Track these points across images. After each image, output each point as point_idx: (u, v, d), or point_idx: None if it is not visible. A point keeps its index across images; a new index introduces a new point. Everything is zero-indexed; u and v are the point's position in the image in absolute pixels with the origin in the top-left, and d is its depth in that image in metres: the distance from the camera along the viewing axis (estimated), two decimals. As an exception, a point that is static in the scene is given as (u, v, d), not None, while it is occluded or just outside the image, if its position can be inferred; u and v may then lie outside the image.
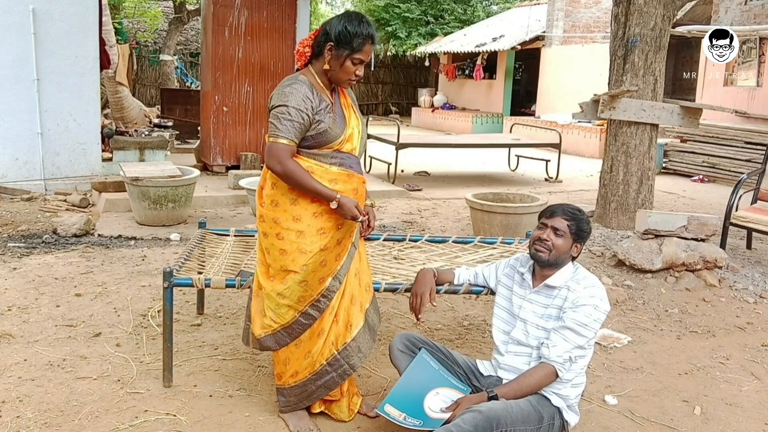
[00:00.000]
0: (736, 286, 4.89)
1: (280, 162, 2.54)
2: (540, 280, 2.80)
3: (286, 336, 2.77)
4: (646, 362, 3.67)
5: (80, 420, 2.86)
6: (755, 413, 3.14)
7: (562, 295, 2.72)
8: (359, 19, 2.60)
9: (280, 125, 2.55)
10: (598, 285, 2.75)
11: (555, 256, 2.73)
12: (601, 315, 2.68)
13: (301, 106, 2.54)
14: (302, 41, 2.69)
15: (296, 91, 2.56)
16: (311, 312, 2.74)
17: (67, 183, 7.62)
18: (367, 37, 2.58)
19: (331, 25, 2.60)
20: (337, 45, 2.57)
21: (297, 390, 2.82)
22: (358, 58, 2.59)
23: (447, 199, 8.22)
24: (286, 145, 2.55)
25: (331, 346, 2.79)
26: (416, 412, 2.60)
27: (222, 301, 4.38)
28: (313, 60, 2.67)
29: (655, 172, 6.35)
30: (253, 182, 6.95)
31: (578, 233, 2.74)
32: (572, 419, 2.77)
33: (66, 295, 4.37)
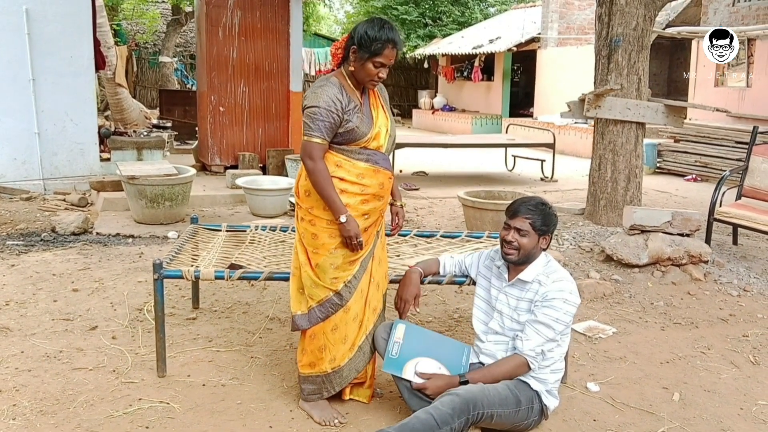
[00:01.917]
0: (721, 280, 4.97)
1: (312, 158, 2.72)
2: (514, 273, 2.90)
3: (318, 314, 2.88)
4: (630, 352, 3.76)
5: (75, 408, 2.95)
6: (732, 399, 3.24)
7: (533, 289, 2.83)
8: (381, 24, 2.75)
9: (313, 125, 2.71)
10: (567, 278, 2.85)
11: (524, 254, 2.83)
12: (571, 307, 2.78)
13: (331, 107, 2.70)
14: (336, 44, 2.87)
15: (326, 92, 2.72)
16: (343, 293, 2.86)
17: (66, 183, 7.72)
18: (386, 41, 2.72)
19: (355, 29, 2.78)
20: (359, 48, 2.74)
21: (333, 376, 2.92)
22: (379, 62, 2.74)
23: (443, 198, 8.31)
24: (318, 144, 2.72)
25: (364, 331, 2.94)
26: (402, 357, 2.83)
27: (217, 296, 4.47)
28: (344, 62, 2.84)
29: (642, 169, 6.44)
30: (250, 181, 7.07)
31: (542, 228, 2.83)
32: (552, 403, 2.86)
33: (63, 291, 4.46)
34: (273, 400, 3.06)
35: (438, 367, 2.85)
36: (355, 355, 2.93)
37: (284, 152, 8.50)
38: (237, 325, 3.98)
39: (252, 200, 6.87)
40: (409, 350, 2.87)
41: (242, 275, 3.18)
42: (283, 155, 8.41)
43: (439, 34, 21.90)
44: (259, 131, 8.70)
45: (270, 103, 8.70)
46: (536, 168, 10.55)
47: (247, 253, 3.67)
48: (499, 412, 2.63)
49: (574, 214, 6.91)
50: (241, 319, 4.08)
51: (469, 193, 6.22)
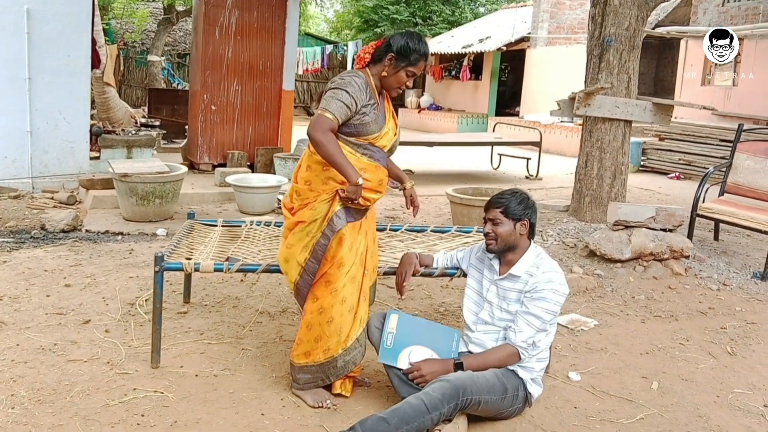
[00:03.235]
0: (701, 274, 5.11)
1: (323, 131, 2.80)
2: (506, 267, 3.01)
3: (307, 276, 2.99)
4: (611, 343, 3.87)
5: (72, 398, 3.02)
6: (708, 387, 3.36)
7: (524, 281, 2.94)
8: (419, 38, 2.99)
9: (333, 102, 2.83)
10: (557, 270, 2.96)
11: (503, 242, 2.95)
12: (560, 298, 2.90)
13: (354, 95, 2.86)
14: (364, 48, 3.04)
15: (355, 82, 2.89)
16: (319, 247, 2.96)
17: (55, 181, 7.73)
18: (423, 54, 2.97)
19: (395, 39, 2.97)
20: (396, 56, 2.94)
21: (327, 366, 2.99)
22: (411, 71, 2.98)
23: (429, 196, 8.40)
24: (330, 120, 2.82)
25: (360, 323, 3.03)
26: (396, 347, 2.95)
27: (208, 290, 4.54)
28: (371, 65, 3.01)
29: (628, 167, 6.57)
30: (239, 179, 7.13)
31: (514, 214, 2.94)
32: (536, 391, 2.97)
33: (56, 286, 4.52)
34: (264, 389, 3.15)
35: (430, 354, 2.96)
36: (350, 347, 3.00)
37: (273, 150, 8.57)
38: (227, 318, 4.05)
39: (241, 198, 6.94)
40: (402, 339, 2.98)
41: (240, 268, 3.26)
42: (272, 153, 8.47)
43: (429, 33, 22.01)
44: (249, 129, 8.76)
45: (261, 102, 8.77)
46: (521, 166, 10.68)
47: (243, 248, 3.74)
48: (487, 399, 2.73)
49: (559, 211, 7.03)
50: (232, 312, 4.16)
51: (457, 190, 6.33)
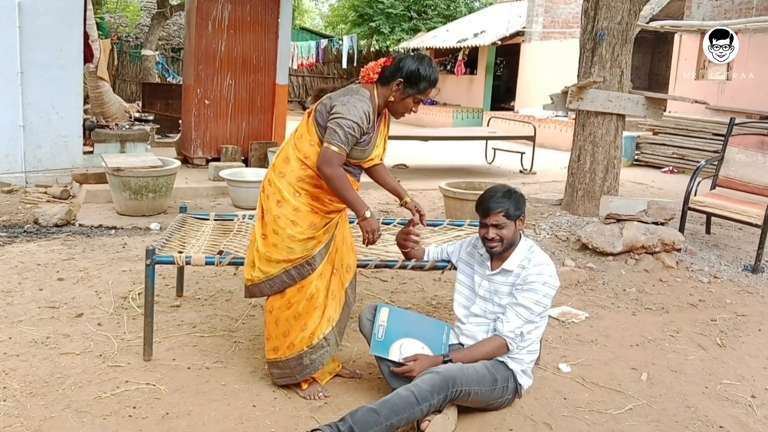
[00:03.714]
0: (693, 267, 5.13)
1: (331, 166, 2.77)
2: (498, 261, 3.03)
3: (268, 288, 2.97)
4: (601, 335, 3.90)
5: (64, 390, 3.03)
6: (697, 378, 3.38)
7: (516, 274, 2.96)
8: (430, 63, 2.88)
9: (343, 136, 2.76)
10: (548, 263, 2.98)
11: (508, 243, 2.97)
12: (551, 290, 2.92)
13: (363, 124, 2.79)
14: (371, 66, 2.92)
15: (363, 108, 2.78)
16: (293, 273, 2.93)
17: (48, 175, 7.72)
18: (433, 82, 2.88)
19: (405, 62, 2.85)
20: (405, 83, 2.85)
21: (293, 362, 3.00)
22: (419, 98, 2.90)
23: (423, 190, 8.42)
24: (340, 154, 2.78)
25: (327, 322, 3.02)
26: (387, 340, 2.97)
27: (201, 284, 4.55)
28: (378, 84, 2.91)
29: (620, 160, 6.59)
30: (233, 173, 7.13)
31: (515, 214, 2.95)
32: (526, 383, 3.00)
33: (48, 280, 4.52)
34: (256, 381, 3.16)
35: (421, 347, 2.98)
36: (316, 345, 2.98)
37: (267, 145, 8.57)
38: (220, 312, 4.07)
39: (235, 192, 6.94)
40: (394, 332, 3.00)
41: (232, 261, 3.27)
42: (266, 148, 8.47)
43: (424, 27, 21.99)
44: (243, 124, 8.76)
45: (255, 96, 8.76)
46: (516, 160, 10.69)
47: (235, 241, 3.75)
48: (476, 390, 2.75)
49: (552, 205, 7.05)
50: (224, 306, 4.17)
51: (450, 184, 6.34)
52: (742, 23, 10.54)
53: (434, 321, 3.19)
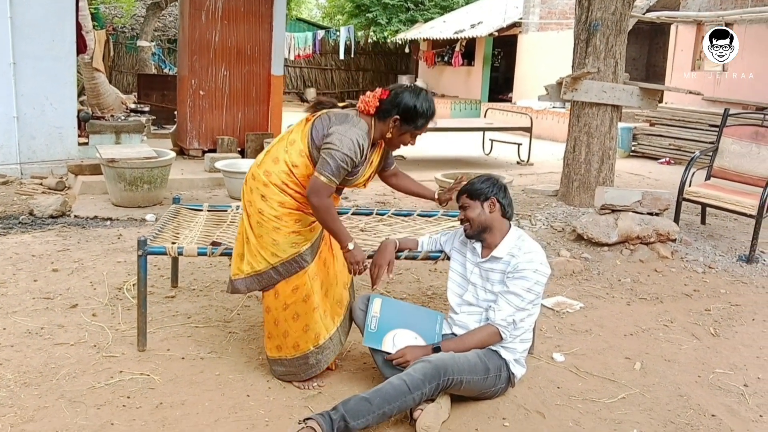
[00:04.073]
0: (687, 257, 5.14)
1: (320, 196, 2.74)
2: (487, 249, 3.04)
3: (255, 283, 2.96)
4: (595, 325, 3.90)
5: (58, 380, 3.03)
6: (690, 368, 3.40)
7: (506, 262, 2.96)
8: (426, 99, 2.84)
9: (334, 168, 2.72)
10: (538, 250, 2.99)
11: (477, 225, 3.00)
12: (541, 278, 2.92)
13: (356, 158, 2.76)
14: (369, 99, 2.84)
15: (358, 143, 2.74)
16: (281, 269, 2.92)
17: (43, 167, 7.70)
18: (430, 116, 2.86)
19: (403, 97, 2.80)
20: (402, 120, 2.82)
21: (299, 362, 3.00)
22: (417, 134, 2.89)
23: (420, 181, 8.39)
24: (329, 186, 2.75)
25: (332, 321, 3.05)
26: (381, 331, 2.97)
27: (196, 275, 4.55)
28: (376, 117, 2.86)
29: (616, 151, 6.59)
30: (229, 164, 7.12)
31: (477, 194, 2.99)
32: (519, 372, 3.00)
33: (43, 271, 4.51)
34: (250, 371, 3.17)
35: (414, 337, 2.98)
36: (323, 345, 3.01)
37: (263, 136, 8.55)
38: (215, 302, 4.07)
39: (230, 183, 6.93)
40: (387, 323, 3.00)
41: (224, 251, 3.27)
42: (262, 139, 8.46)
43: (420, 18, 21.91)
44: (239, 115, 8.73)
45: (250, 87, 8.73)
46: (513, 152, 10.69)
47: (229, 232, 3.74)
48: (468, 379, 2.76)
49: (548, 196, 7.06)
50: (219, 297, 4.17)
51: (446, 175, 6.35)
52: (738, 14, 10.52)
53: (427, 311, 3.19)
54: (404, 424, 2.72)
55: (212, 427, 2.69)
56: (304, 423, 2.45)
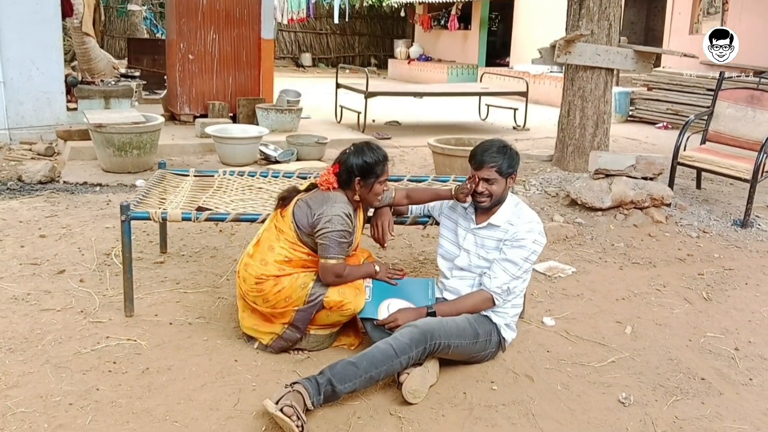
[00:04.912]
0: (682, 222, 5.11)
1: (339, 276, 2.87)
2: (483, 216, 2.99)
3: (291, 334, 2.99)
4: (587, 290, 3.88)
5: (44, 346, 3.00)
6: (681, 331, 3.38)
7: (504, 230, 2.92)
8: (371, 149, 2.92)
9: (336, 246, 2.82)
10: (537, 220, 2.96)
11: (496, 199, 2.93)
12: (539, 247, 2.90)
13: (349, 227, 2.86)
14: (326, 177, 2.94)
15: (345, 213, 2.84)
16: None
17: (32, 132, 7.59)
18: (384, 160, 2.93)
19: (350, 162, 2.88)
20: (363, 178, 2.89)
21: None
22: (383, 180, 2.94)
23: (415, 147, 8.33)
24: (340, 263, 2.85)
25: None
26: (374, 301, 2.96)
27: (185, 240, 4.51)
28: (341, 189, 2.93)
29: (611, 116, 6.52)
30: (220, 130, 7.03)
31: (508, 171, 2.91)
32: (509, 336, 2.99)
33: (30, 237, 4.46)
34: (239, 337, 3.14)
35: (408, 306, 2.96)
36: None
37: (255, 101, 8.43)
38: (205, 268, 4.03)
39: (221, 149, 6.85)
40: (379, 293, 2.98)
41: (209, 217, 3.22)
42: (254, 104, 8.34)
43: (416, -19, 21.51)
44: (230, 80, 8.59)
45: (240, 51, 8.57)
46: (509, 117, 10.58)
47: (216, 198, 3.69)
48: (457, 343, 2.74)
49: (543, 161, 7.00)
50: (209, 262, 4.13)
51: (439, 140, 6.26)
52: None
53: (417, 279, 3.17)
54: (392, 388, 2.70)
55: (199, 392, 2.67)
56: (291, 387, 2.42)
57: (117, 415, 2.49)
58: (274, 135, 7.74)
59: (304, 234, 2.89)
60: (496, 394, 2.72)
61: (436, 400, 2.65)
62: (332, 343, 3.07)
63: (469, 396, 2.69)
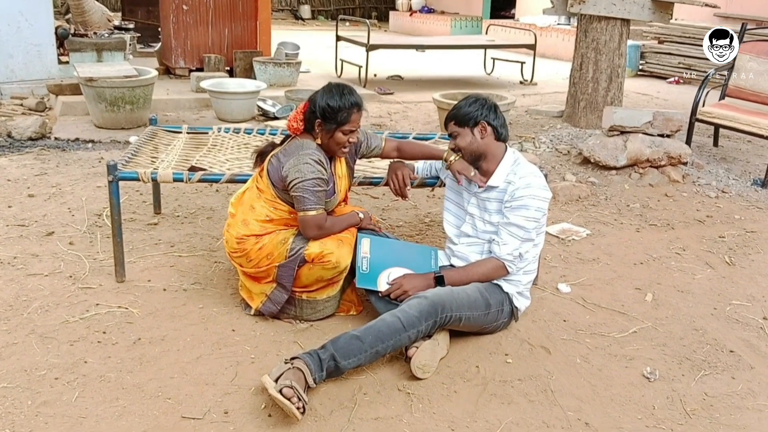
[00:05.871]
0: (699, 181, 4.89)
1: (318, 229, 2.67)
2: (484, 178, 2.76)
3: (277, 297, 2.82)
4: (603, 253, 3.69)
5: (30, 314, 2.82)
6: (705, 299, 3.19)
7: (502, 190, 2.70)
8: (340, 91, 2.65)
9: (312, 197, 2.62)
10: (535, 173, 2.71)
11: (470, 154, 2.73)
12: (542, 203, 2.66)
13: (323, 175, 2.63)
14: (292, 117, 2.73)
15: (316, 160, 2.62)
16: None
17: (23, 87, 7.32)
18: (351, 107, 2.63)
19: (315, 101, 2.65)
20: (324, 121, 2.64)
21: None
22: (347, 129, 2.65)
23: (418, 103, 8.06)
24: (319, 215, 2.65)
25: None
26: (373, 271, 2.73)
27: (180, 201, 4.30)
28: (306, 133, 2.72)
29: (625, 69, 6.23)
30: (216, 84, 6.75)
31: (467, 119, 2.70)
32: (523, 304, 2.79)
33: (18, 196, 4.26)
34: (236, 304, 2.96)
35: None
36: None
37: (252, 54, 8.11)
38: (200, 230, 3.83)
39: (217, 104, 6.58)
40: (379, 262, 2.76)
41: (202, 177, 3.00)
42: (251, 57, 8.03)
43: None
44: (225, 32, 8.25)
45: (236, 1, 8.21)
46: (516, 71, 10.25)
47: (210, 156, 3.47)
48: (468, 315, 2.55)
49: (553, 117, 6.74)
50: (205, 224, 3.93)
51: (444, 95, 6.00)
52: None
53: (419, 247, 2.96)
54: (399, 361, 2.53)
55: (194, 365, 2.49)
56: (291, 363, 2.24)
57: (106, 390, 2.32)
58: (272, 90, 7.47)
59: (280, 190, 2.70)
60: (511, 368, 2.54)
61: (447, 374, 2.48)
62: (334, 310, 2.89)
63: (482, 370, 2.51)
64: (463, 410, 2.27)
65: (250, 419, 2.18)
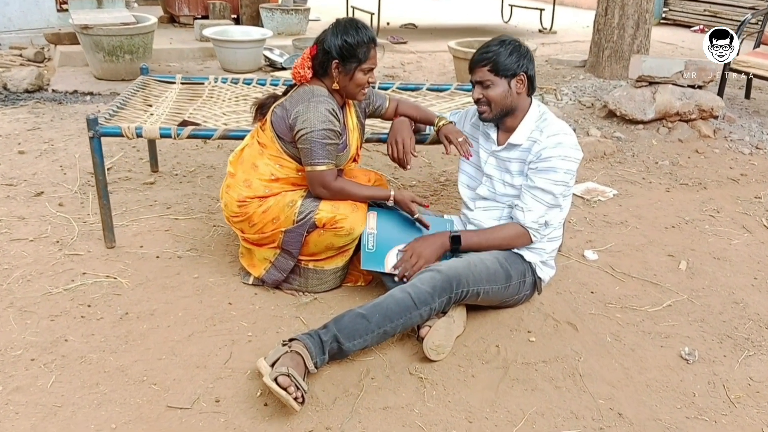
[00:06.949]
0: (732, 137, 4.56)
1: (327, 186, 2.42)
2: (505, 134, 2.46)
3: (283, 264, 2.59)
4: (632, 216, 3.41)
5: (9, 285, 2.61)
6: (744, 267, 2.92)
7: (526, 148, 2.39)
8: (355, 26, 2.39)
9: (321, 150, 2.37)
10: (565, 131, 2.38)
11: (498, 108, 2.38)
12: (572, 165, 2.35)
13: (335, 126, 2.38)
14: (298, 63, 2.46)
15: (328, 110, 2.37)
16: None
17: (22, 36, 7.04)
18: (369, 42, 2.39)
19: (328, 41, 2.38)
20: (342, 61, 2.37)
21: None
22: (368, 67, 2.41)
23: (433, 52, 7.68)
24: (329, 170, 2.41)
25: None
26: (380, 249, 2.46)
27: (180, 158, 4.05)
28: (316, 79, 2.46)
29: (653, 15, 5.83)
30: (220, 32, 6.42)
31: (505, 70, 2.33)
32: (547, 275, 2.54)
33: (8, 153, 4.02)
34: (234, 274, 2.73)
35: None
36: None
37: (259, 1, 7.73)
38: (200, 190, 3.59)
39: (222, 54, 6.26)
40: (386, 239, 2.47)
41: (192, 133, 2.74)
42: (258, 4, 7.66)
43: None
44: (231, -24, 7.87)
45: (242, -56, 7.81)
46: (534, 18, 9.79)
47: (204, 109, 3.19)
48: (487, 289, 2.29)
49: (575, 67, 6.37)
50: (205, 183, 3.69)
51: (460, 43, 5.65)
52: None
53: (434, 218, 2.66)
54: (411, 340, 2.30)
55: (184, 344, 2.28)
56: (289, 345, 2.01)
57: (86, 374, 2.10)
58: (280, 38, 7.13)
59: (287, 143, 2.43)
60: (534, 348, 2.30)
61: (463, 355, 2.24)
62: (340, 283, 2.65)
63: (502, 350, 2.28)
64: (481, 398, 2.04)
65: (244, 409, 1.96)
